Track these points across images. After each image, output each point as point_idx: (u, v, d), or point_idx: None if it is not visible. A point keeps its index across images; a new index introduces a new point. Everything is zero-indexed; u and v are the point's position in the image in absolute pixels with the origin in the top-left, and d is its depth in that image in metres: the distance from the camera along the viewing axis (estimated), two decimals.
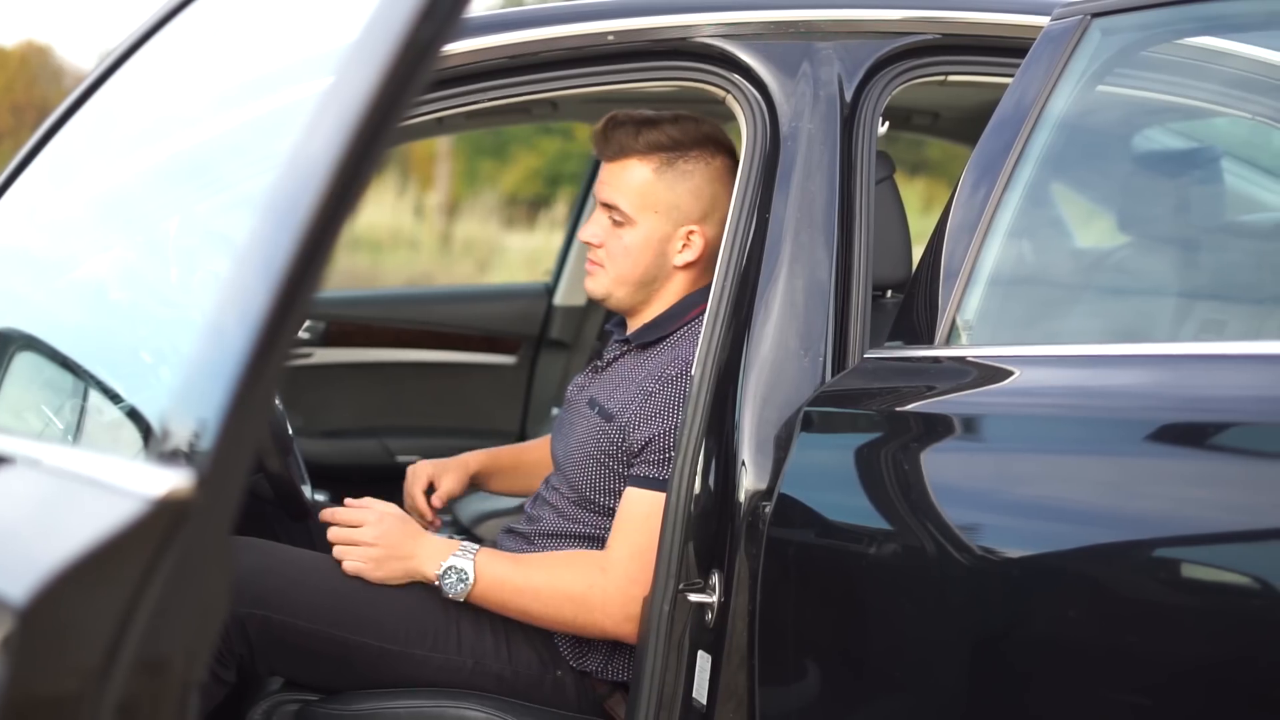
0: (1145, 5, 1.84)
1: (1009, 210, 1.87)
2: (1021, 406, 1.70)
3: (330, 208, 0.83)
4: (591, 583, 2.17)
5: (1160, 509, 1.42)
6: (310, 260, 0.83)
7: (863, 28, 2.21)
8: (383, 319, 4.41)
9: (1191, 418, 1.46)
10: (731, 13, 2.20)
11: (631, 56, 2.21)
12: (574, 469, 2.33)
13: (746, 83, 2.19)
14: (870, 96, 2.19)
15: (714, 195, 2.33)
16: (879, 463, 1.84)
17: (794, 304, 2.06)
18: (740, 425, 2.01)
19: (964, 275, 1.86)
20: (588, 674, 2.29)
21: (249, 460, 0.88)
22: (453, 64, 2.14)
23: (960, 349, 1.85)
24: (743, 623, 1.95)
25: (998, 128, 1.93)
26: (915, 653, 1.69)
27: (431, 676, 2.24)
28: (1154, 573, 1.40)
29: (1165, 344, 1.74)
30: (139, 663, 0.87)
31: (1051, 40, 1.94)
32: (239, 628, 2.18)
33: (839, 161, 2.14)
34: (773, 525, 1.90)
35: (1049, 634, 1.50)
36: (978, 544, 1.61)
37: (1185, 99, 2.06)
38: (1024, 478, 1.62)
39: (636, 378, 2.29)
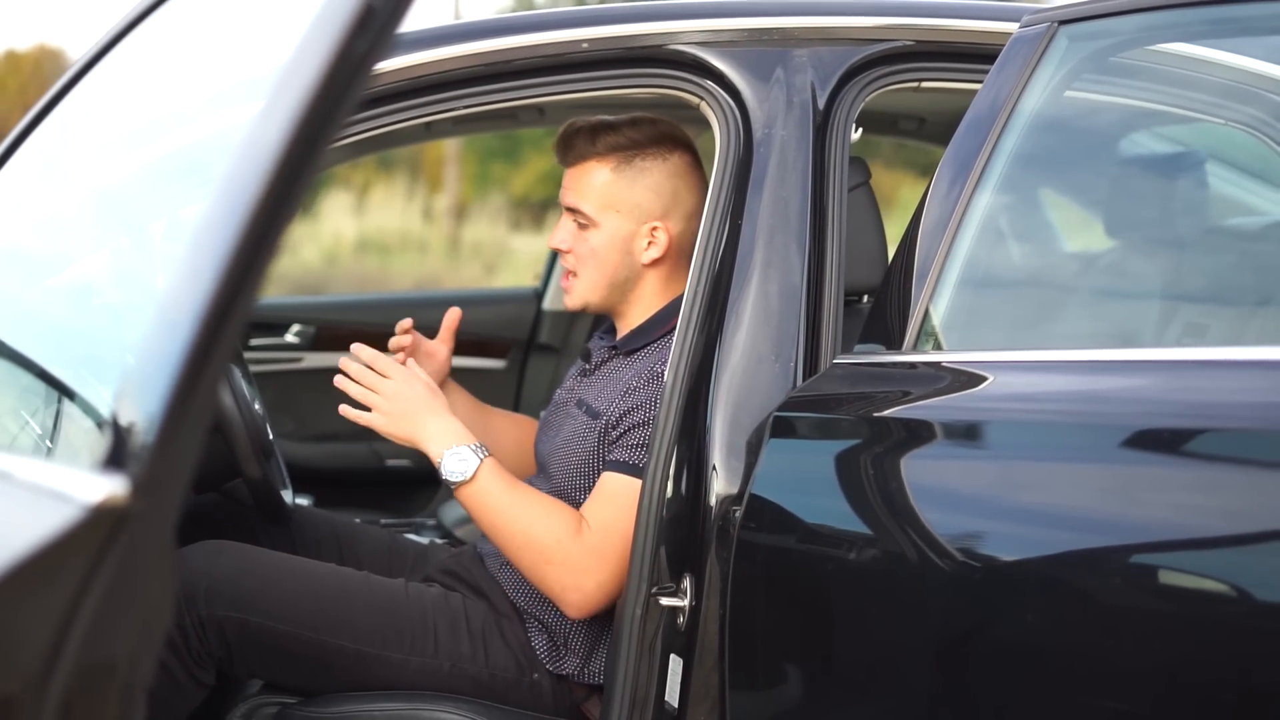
0: (1111, 13, 1.85)
1: (977, 215, 1.89)
2: (990, 412, 1.71)
3: (260, 226, 0.84)
4: (560, 539, 2.18)
5: (1137, 515, 1.43)
6: (243, 272, 0.84)
7: (836, 35, 2.22)
8: (373, 323, 4.42)
9: (1167, 423, 1.47)
10: (705, 20, 2.21)
11: (606, 64, 2.22)
12: (558, 466, 2.35)
13: (720, 89, 2.20)
14: (843, 103, 2.20)
15: (674, 190, 2.36)
16: (846, 468, 1.85)
17: (765, 309, 2.07)
18: (711, 429, 2.03)
19: (931, 280, 1.88)
20: (564, 677, 2.30)
21: (189, 467, 0.89)
22: (422, 73, 2.16)
23: (927, 354, 1.87)
24: (713, 626, 1.96)
25: (967, 132, 1.95)
26: (884, 657, 1.71)
27: (409, 679, 2.26)
28: (1126, 579, 1.41)
29: (1139, 349, 1.75)
30: (81, 666, 0.89)
31: (1020, 46, 1.95)
32: (217, 630, 2.20)
33: (811, 167, 2.15)
34: (743, 529, 1.92)
35: (1017, 638, 1.51)
36: (946, 548, 1.62)
37: (1152, 104, 2.07)
38: (993, 483, 1.63)
39: (623, 378, 2.31)
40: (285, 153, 0.83)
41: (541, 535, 2.19)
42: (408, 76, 2.18)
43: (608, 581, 2.17)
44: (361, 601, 2.27)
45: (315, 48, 0.84)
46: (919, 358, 1.86)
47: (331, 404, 2.47)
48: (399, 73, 2.17)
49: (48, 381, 1.66)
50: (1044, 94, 1.91)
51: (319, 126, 0.84)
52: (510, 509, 2.20)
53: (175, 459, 0.86)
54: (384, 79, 2.18)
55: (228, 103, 1.24)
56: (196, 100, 1.71)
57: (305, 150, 0.84)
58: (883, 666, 1.71)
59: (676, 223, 2.36)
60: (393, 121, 2.22)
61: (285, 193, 0.83)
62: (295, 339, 4.37)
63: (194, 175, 1.37)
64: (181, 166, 1.38)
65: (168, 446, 0.85)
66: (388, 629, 2.25)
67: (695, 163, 2.40)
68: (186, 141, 1.56)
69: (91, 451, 1.15)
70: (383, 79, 2.18)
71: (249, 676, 2.31)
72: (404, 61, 2.17)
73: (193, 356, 0.83)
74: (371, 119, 2.21)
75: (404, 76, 2.18)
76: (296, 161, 0.83)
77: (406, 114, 2.22)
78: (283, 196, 0.83)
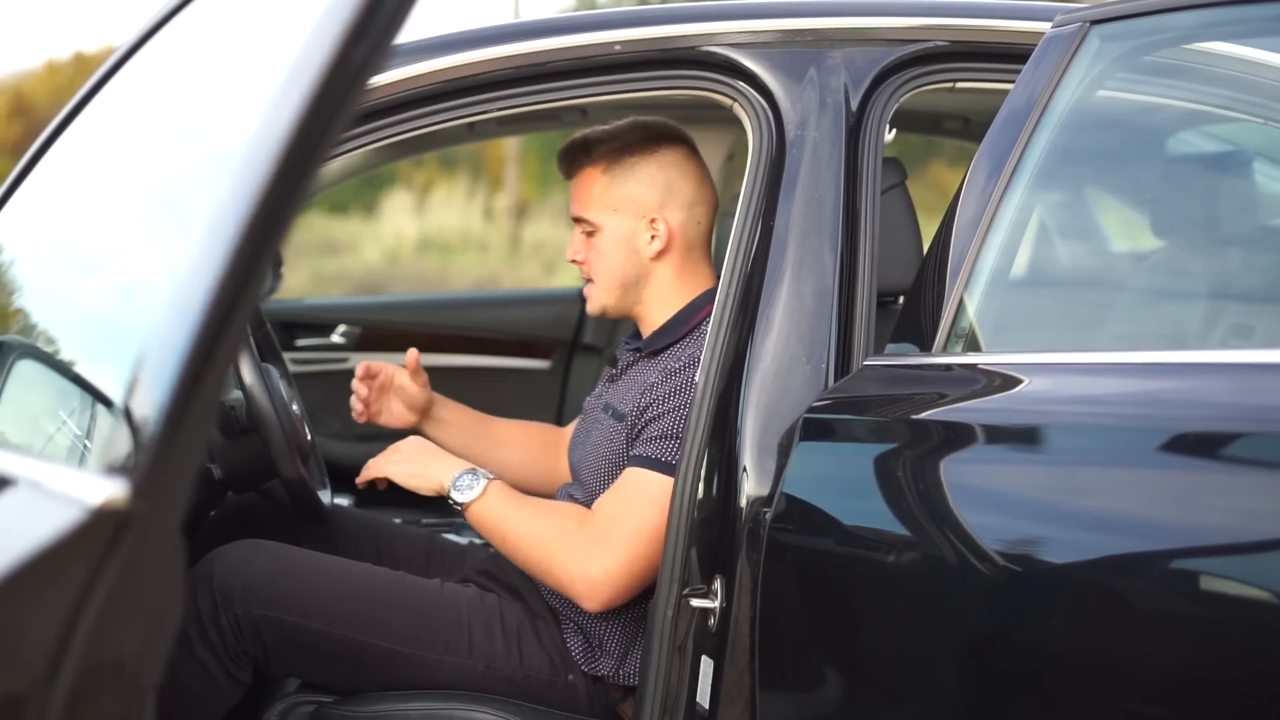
0: (1142, 12, 1.84)
1: (1008, 215, 1.87)
2: (1018, 414, 1.70)
3: (258, 234, 0.84)
4: (563, 530, 2.22)
5: (1179, 520, 1.42)
6: (243, 277, 0.85)
7: (869, 36, 2.21)
8: (417, 324, 4.45)
9: (1210, 427, 1.46)
10: (738, 21, 2.21)
11: (639, 66, 2.23)
12: (589, 473, 2.36)
13: (753, 90, 2.20)
14: (877, 104, 2.19)
15: (667, 181, 2.39)
16: (875, 470, 1.84)
17: (797, 310, 2.07)
18: (742, 431, 2.03)
19: (963, 280, 1.87)
20: (600, 678, 2.31)
21: (192, 471, 0.90)
22: (458, 75, 2.17)
23: (959, 356, 1.86)
24: (744, 628, 1.96)
25: (999, 132, 1.94)
26: (915, 659, 1.70)
27: (444, 679, 2.27)
28: (1167, 584, 1.39)
29: (1175, 352, 1.72)
30: (87, 666, 0.90)
31: (1052, 46, 1.94)
32: (253, 629, 2.22)
33: (844, 169, 2.14)
34: (773, 530, 1.92)
35: (1048, 642, 1.50)
36: (978, 551, 1.61)
37: (1185, 102, 2.05)
38: (1026, 486, 1.62)
39: (646, 377, 2.32)
40: (283, 160, 0.83)
41: (543, 530, 2.23)
42: (444, 79, 2.19)
43: (615, 568, 2.18)
44: (396, 601, 2.28)
45: (314, 55, 0.85)
46: (950, 359, 1.85)
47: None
48: (437, 74, 2.18)
49: (83, 383, 1.68)
50: (1076, 93, 1.89)
51: (317, 133, 0.85)
52: (515, 515, 2.25)
53: (176, 463, 0.87)
54: (420, 81, 2.19)
55: (248, 106, 1.25)
56: (220, 102, 1.72)
57: (303, 157, 0.84)
58: (913, 669, 1.70)
59: (675, 212, 2.39)
60: (433, 122, 2.23)
61: (282, 202, 0.84)
62: (341, 339, 4.40)
63: (210, 182, 1.39)
64: (202, 172, 1.39)
65: (167, 450, 0.86)
66: (422, 628, 2.27)
67: (689, 153, 2.43)
68: (211, 146, 1.58)
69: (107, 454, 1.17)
70: (419, 81, 2.19)
71: (285, 675, 2.33)
72: (440, 64, 2.18)
73: (190, 364, 0.84)
74: (412, 120, 2.22)
75: (440, 79, 2.19)
76: (295, 168, 0.84)
77: (445, 115, 2.23)
78: (279, 206, 0.84)
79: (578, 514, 2.26)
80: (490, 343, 4.38)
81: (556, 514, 2.27)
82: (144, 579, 0.91)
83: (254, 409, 2.33)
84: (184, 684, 2.23)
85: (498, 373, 4.42)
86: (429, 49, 2.18)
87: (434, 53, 2.18)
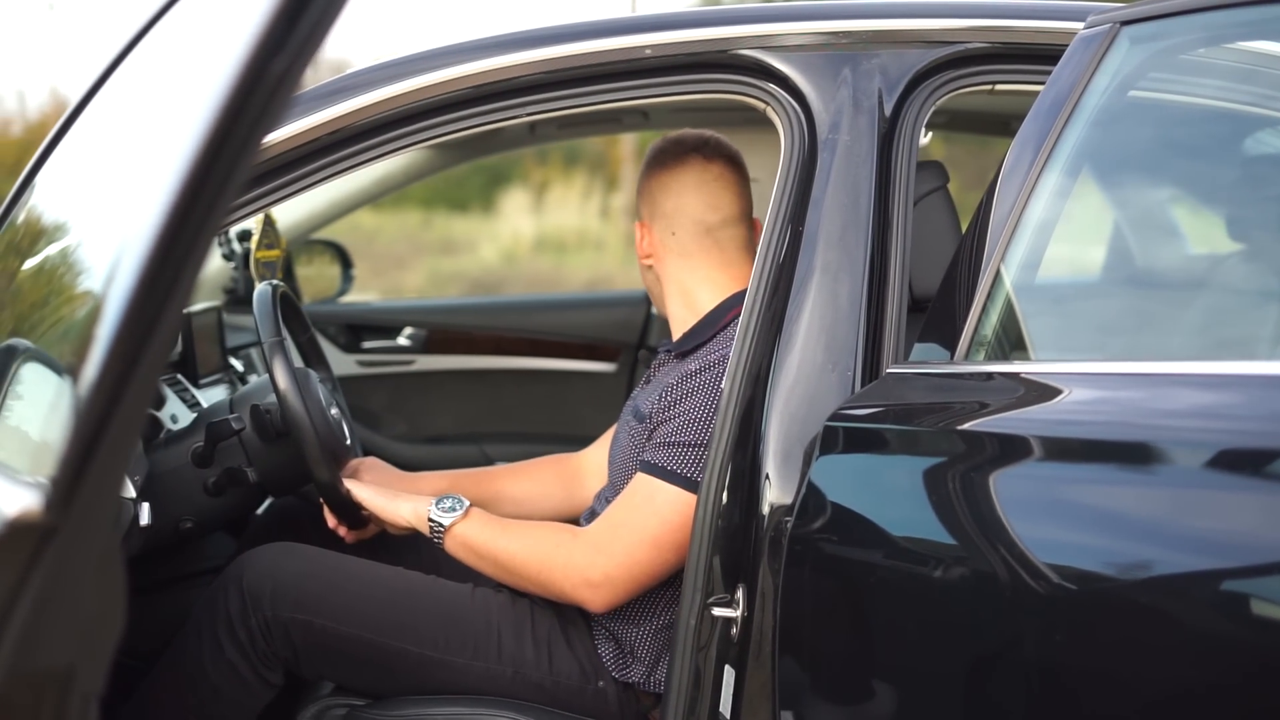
0: (1171, 13, 1.79)
1: (1034, 218, 1.83)
2: (1038, 424, 1.66)
3: (171, 250, 0.84)
4: (560, 540, 2.23)
5: (1206, 534, 1.38)
6: (159, 294, 0.85)
7: (905, 38, 2.17)
8: (484, 326, 4.47)
9: (1237, 442, 1.42)
10: (771, 24, 2.18)
11: (672, 70, 2.21)
12: (618, 475, 2.36)
13: (785, 93, 2.17)
14: (912, 107, 2.16)
15: (649, 192, 2.44)
16: (892, 480, 1.82)
17: (823, 317, 2.04)
18: (766, 438, 2.00)
19: (985, 286, 1.83)
20: (630, 685, 2.30)
21: (113, 484, 0.90)
22: (481, 82, 2.16)
23: (979, 364, 1.82)
24: (766, 637, 1.94)
25: (1026, 134, 1.90)
26: (934, 670, 1.67)
27: (472, 684, 2.27)
28: (1202, 606, 1.35)
29: (1215, 363, 1.67)
30: (18, 674, 0.90)
31: (1082, 47, 1.90)
32: (282, 631, 2.24)
33: (876, 173, 2.11)
34: (793, 540, 1.89)
35: (1067, 654, 1.47)
36: (996, 561, 1.58)
37: (1216, 102, 1.99)
38: (1044, 498, 1.59)
39: (668, 379, 2.30)
40: (195, 177, 0.83)
41: (538, 544, 2.24)
42: (474, 84, 2.18)
43: (614, 573, 2.17)
44: (426, 605, 2.29)
45: (233, 66, 0.85)
46: (971, 368, 1.82)
47: (441, 406, 2.54)
48: (456, 82, 2.18)
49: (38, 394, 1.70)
50: (1106, 94, 1.85)
51: (233, 149, 0.84)
52: (503, 535, 2.26)
53: (95, 477, 0.87)
54: (441, 90, 2.18)
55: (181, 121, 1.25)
56: (165, 114, 1.72)
57: (219, 173, 0.84)
58: (933, 679, 1.68)
59: (656, 222, 2.42)
60: (465, 126, 2.22)
61: (195, 219, 0.83)
62: (407, 342, 4.44)
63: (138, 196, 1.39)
64: (136, 185, 1.40)
65: (83, 465, 0.86)
66: (451, 633, 2.27)
67: (671, 165, 2.43)
68: (148, 158, 1.58)
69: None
70: (457, 84, 2.18)
71: (315, 678, 2.34)
72: (469, 69, 2.18)
73: (106, 378, 0.84)
74: (460, 120, 2.21)
75: (470, 84, 2.19)
76: (207, 186, 0.83)
77: (477, 119, 2.22)
78: (193, 223, 0.83)
79: (570, 529, 2.28)
80: (555, 345, 4.39)
81: (548, 529, 2.29)
82: (76, 589, 0.91)
83: (288, 413, 2.35)
84: (215, 685, 2.25)
85: (563, 376, 4.43)
86: (452, 54, 2.18)
87: (450, 59, 2.18)
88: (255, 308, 2.48)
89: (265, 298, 2.49)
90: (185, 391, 3.00)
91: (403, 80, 2.18)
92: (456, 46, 2.22)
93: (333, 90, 2.18)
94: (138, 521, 2.15)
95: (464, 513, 2.27)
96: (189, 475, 2.47)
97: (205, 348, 3.23)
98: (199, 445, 2.47)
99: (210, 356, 3.26)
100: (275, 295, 2.52)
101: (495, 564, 2.27)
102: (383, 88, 2.18)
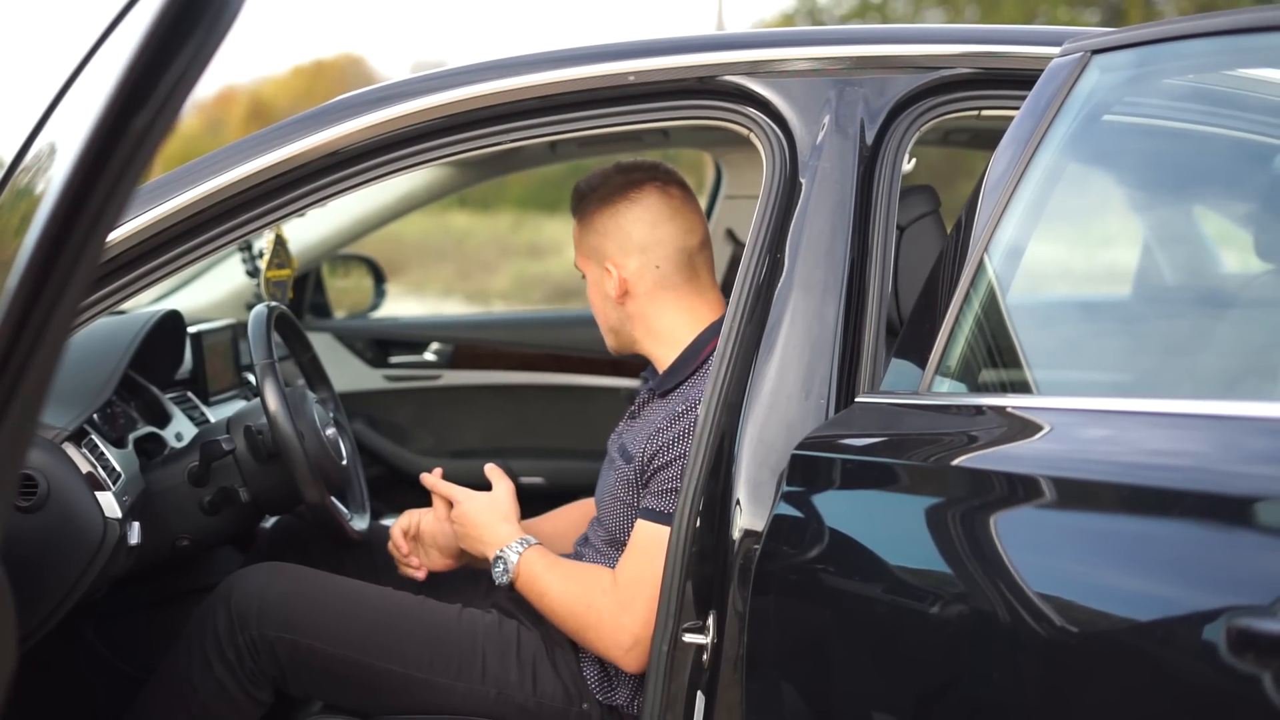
0: (1140, 42, 1.78)
1: (1002, 245, 1.83)
2: (991, 459, 1.66)
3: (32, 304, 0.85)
4: (591, 602, 2.22)
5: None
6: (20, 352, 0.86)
7: (889, 63, 2.16)
8: (510, 342, 4.49)
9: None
10: (754, 50, 2.18)
11: (655, 96, 2.21)
12: (605, 511, 2.37)
13: (768, 119, 2.17)
14: (895, 133, 2.15)
15: (617, 228, 2.39)
16: (853, 510, 1.82)
17: (797, 345, 2.04)
18: (738, 465, 2.01)
19: (951, 315, 1.83)
20: (615, 708, 2.30)
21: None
22: (463, 109, 2.18)
23: (943, 396, 1.82)
24: (731, 665, 1.95)
25: (997, 161, 1.90)
26: (895, 699, 1.68)
27: (456, 705, 2.29)
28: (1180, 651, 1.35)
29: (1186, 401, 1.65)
30: None
31: (1054, 75, 1.90)
32: (269, 650, 2.26)
33: (855, 200, 2.10)
34: (759, 568, 1.90)
35: (1020, 682, 1.48)
36: (950, 591, 1.59)
37: (1184, 126, 1.98)
38: (1002, 534, 1.58)
39: (655, 420, 2.31)
40: (58, 224, 0.85)
41: (574, 602, 2.24)
42: (466, 108, 2.20)
43: (642, 633, 2.17)
44: (411, 626, 2.31)
45: (97, 119, 0.87)
46: (935, 400, 1.82)
47: (467, 421, 2.56)
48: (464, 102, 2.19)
49: None
50: (1075, 121, 1.84)
51: (98, 201, 0.86)
52: (550, 589, 2.27)
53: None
54: (447, 110, 2.20)
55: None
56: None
57: (84, 222, 0.86)
58: (893, 708, 1.68)
59: (630, 258, 2.38)
60: (466, 148, 2.24)
61: (62, 268, 0.85)
62: (434, 357, 4.47)
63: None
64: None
65: None
66: (435, 654, 2.29)
67: (654, 197, 2.39)
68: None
69: None
70: (446, 110, 2.20)
71: (303, 696, 2.37)
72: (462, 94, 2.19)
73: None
74: (449, 145, 2.23)
75: (462, 108, 2.20)
76: (71, 233, 0.85)
77: (479, 141, 2.24)
78: (58, 272, 0.85)
79: (601, 582, 2.25)
80: (581, 361, 4.40)
81: (581, 584, 2.26)
82: None
83: (278, 435, 2.38)
84: (204, 702, 2.29)
85: (589, 391, 4.44)
86: (442, 79, 2.20)
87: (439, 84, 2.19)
88: (249, 330, 2.52)
89: (260, 320, 2.53)
90: (194, 409, 3.04)
91: (393, 105, 2.20)
92: (449, 71, 2.24)
93: (331, 111, 2.20)
94: (126, 541, 2.19)
95: (513, 576, 2.31)
96: (185, 494, 2.51)
97: (217, 365, 3.27)
98: (194, 464, 2.51)
99: (223, 374, 3.30)
100: (270, 318, 2.55)
101: (548, 615, 2.30)
102: (375, 111, 2.20)
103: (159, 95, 0.89)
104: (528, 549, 2.30)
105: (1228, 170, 1.91)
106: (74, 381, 2.37)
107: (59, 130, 1.83)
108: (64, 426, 2.21)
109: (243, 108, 32.85)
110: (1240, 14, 1.65)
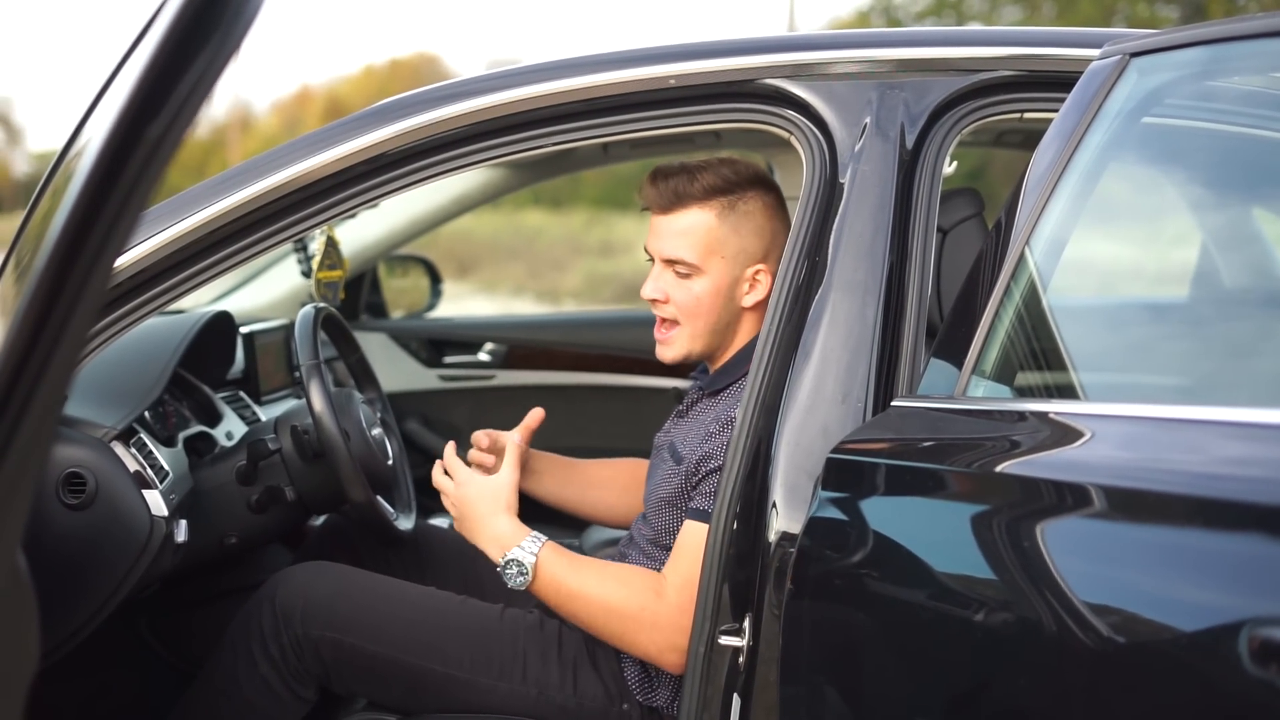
0: (1179, 45, 1.77)
1: (1040, 248, 1.82)
2: (1026, 465, 1.65)
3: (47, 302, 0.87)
4: (644, 604, 2.18)
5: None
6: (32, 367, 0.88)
7: (930, 66, 2.16)
8: (563, 342, 4.51)
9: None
10: (794, 54, 2.18)
11: (694, 99, 2.22)
12: (653, 512, 2.37)
13: (808, 122, 2.17)
14: (935, 136, 2.14)
15: (773, 232, 2.35)
16: (884, 515, 1.81)
17: (835, 349, 2.04)
18: (775, 469, 2.01)
19: (988, 319, 1.82)
20: (655, 709, 2.31)
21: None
22: (501, 114, 2.19)
23: (979, 401, 1.81)
24: (767, 667, 1.95)
25: (1036, 163, 1.88)
26: (929, 702, 1.67)
27: (497, 704, 2.31)
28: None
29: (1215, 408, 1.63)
30: None
31: (1093, 77, 1.88)
32: (313, 649, 2.29)
33: (895, 203, 2.10)
34: (795, 571, 1.90)
35: (1059, 692, 1.47)
36: (985, 599, 1.58)
37: (1224, 129, 1.95)
38: (1035, 539, 1.57)
39: (705, 421, 2.31)
40: (70, 241, 0.87)
41: (623, 605, 2.19)
42: (505, 112, 2.22)
43: None
44: (453, 626, 2.33)
45: (110, 129, 0.88)
46: (970, 405, 1.81)
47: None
48: (502, 107, 2.21)
49: None
50: (1114, 124, 1.83)
51: (110, 214, 0.87)
52: (582, 590, 2.21)
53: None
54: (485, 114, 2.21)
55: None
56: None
57: (97, 236, 0.87)
58: (930, 716, 1.67)
59: (774, 263, 2.34)
60: (506, 152, 2.25)
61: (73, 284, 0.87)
62: (488, 357, 4.49)
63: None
64: None
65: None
66: (477, 653, 2.31)
67: (781, 200, 2.39)
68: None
69: None
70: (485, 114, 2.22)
71: (347, 693, 2.39)
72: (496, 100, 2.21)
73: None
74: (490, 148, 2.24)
75: (501, 112, 2.22)
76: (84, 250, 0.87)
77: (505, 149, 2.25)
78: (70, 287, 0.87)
79: (652, 583, 2.20)
80: (633, 362, 4.41)
81: (628, 585, 2.21)
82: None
83: (322, 434, 2.40)
84: (249, 698, 2.32)
85: (642, 391, 4.44)
86: (481, 83, 2.22)
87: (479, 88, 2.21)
88: (296, 331, 2.55)
89: (306, 322, 2.56)
90: (246, 409, 3.08)
91: (436, 109, 2.22)
92: (489, 76, 2.25)
93: (377, 114, 2.22)
94: (173, 539, 2.22)
95: (530, 579, 2.22)
96: (233, 493, 2.55)
97: (269, 365, 3.31)
98: (242, 463, 2.54)
99: (275, 373, 3.34)
100: (316, 319, 2.58)
101: (575, 618, 2.24)
102: (418, 115, 2.22)
103: (172, 105, 0.90)
104: (542, 548, 2.23)
105: (1273, 172, 1.89)
106: (123, 381, 2.41)
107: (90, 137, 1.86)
108: (113, 425, 2.25)
109: (319, 106, 33.15)
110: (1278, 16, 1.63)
